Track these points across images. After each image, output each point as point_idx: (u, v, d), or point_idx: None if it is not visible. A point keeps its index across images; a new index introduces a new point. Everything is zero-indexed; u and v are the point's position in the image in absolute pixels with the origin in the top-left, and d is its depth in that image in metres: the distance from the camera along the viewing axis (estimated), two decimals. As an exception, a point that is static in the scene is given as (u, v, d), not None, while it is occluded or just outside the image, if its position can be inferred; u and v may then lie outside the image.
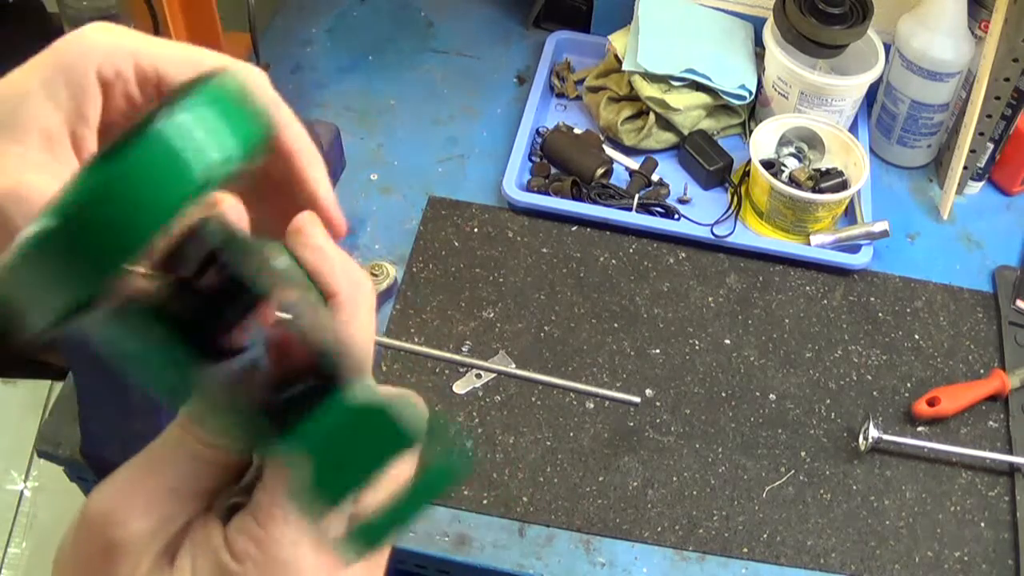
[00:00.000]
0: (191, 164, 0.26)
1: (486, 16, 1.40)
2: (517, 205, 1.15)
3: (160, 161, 0.25)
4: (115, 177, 0.25)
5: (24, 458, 1.60)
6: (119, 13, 1.17)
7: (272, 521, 0.31)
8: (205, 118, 0.26)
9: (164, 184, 0.25)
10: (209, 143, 0.26)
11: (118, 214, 0.25)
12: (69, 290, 0.26)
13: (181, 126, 0.26)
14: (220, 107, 0.27)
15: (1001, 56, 1.11)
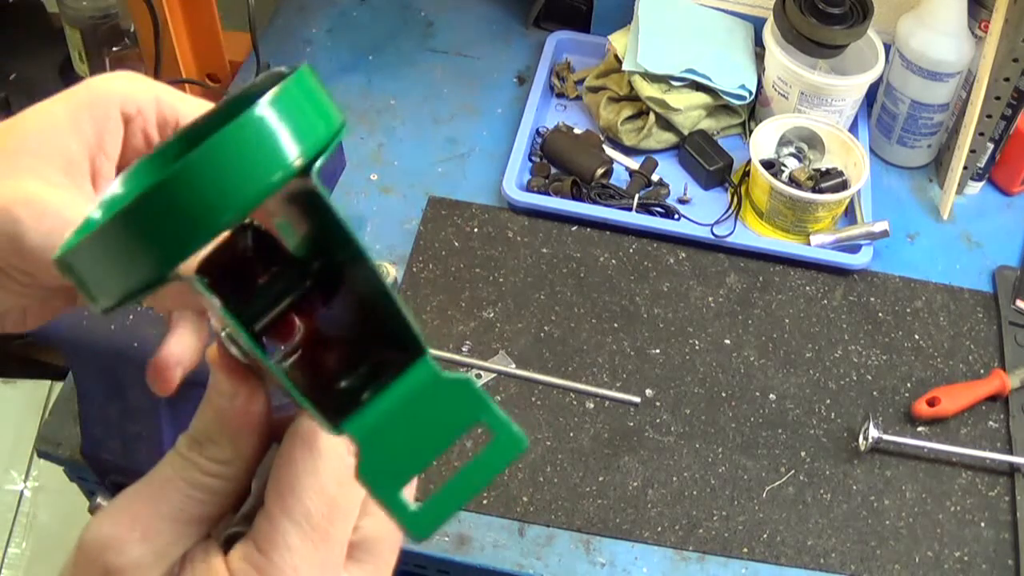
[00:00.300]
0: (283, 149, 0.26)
1: (486, 16, 1.40)
2: (517, 205, 1.15)
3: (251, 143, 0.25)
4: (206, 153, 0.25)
5: (24, 458, 1.60)
6: (119, 13, 1.17)
7: (274, 548, 0.31)
8: (297, 105, 0.27)
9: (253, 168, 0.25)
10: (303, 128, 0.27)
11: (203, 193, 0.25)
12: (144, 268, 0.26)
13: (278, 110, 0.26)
14: (308, 96, 0.27)
15: (1001, 56, 1.11)
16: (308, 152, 0.27)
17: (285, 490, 0.32)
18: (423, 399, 0.30)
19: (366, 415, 0.29)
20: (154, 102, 0.37)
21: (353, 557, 0.34)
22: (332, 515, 0.32)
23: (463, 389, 0.30)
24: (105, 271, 0.27)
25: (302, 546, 0.31)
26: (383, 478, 0.29)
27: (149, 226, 0.25)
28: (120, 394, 0.83)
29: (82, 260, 0.27)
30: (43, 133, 0.35)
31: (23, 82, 1.25)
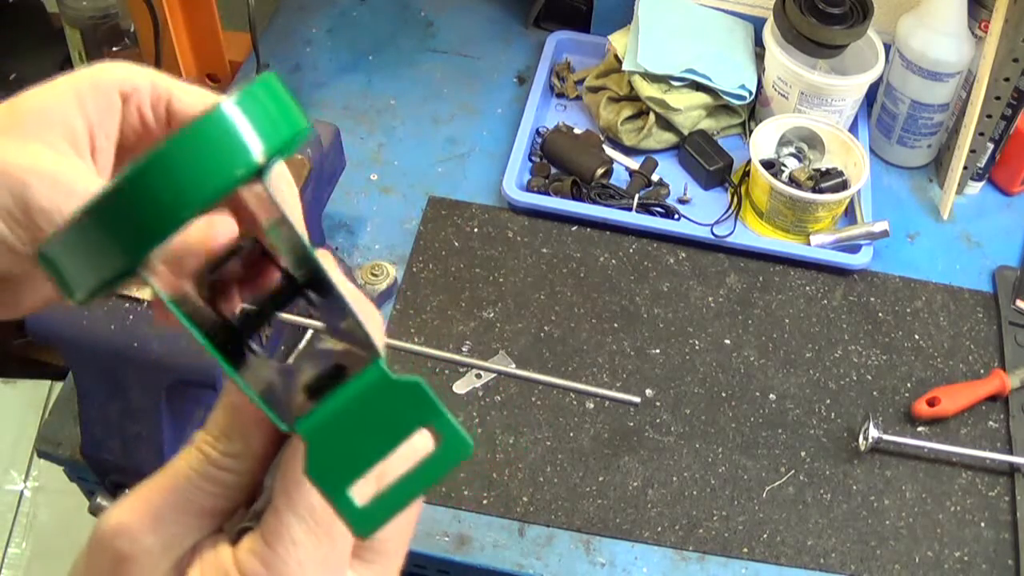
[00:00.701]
0: (246, 144, 0.27)
1: (486, 16, 1.40)
2: (517, 205, 1.15)
3: (219, 137, 0.27)
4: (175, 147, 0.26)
5: (24, 458, 1.60)
6: (119, 13, 1.17)
7: (280, 543, 0.32)
8: (260, 107, 0.28)
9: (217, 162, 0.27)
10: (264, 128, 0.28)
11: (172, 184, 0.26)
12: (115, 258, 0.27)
13: (239, 108, 0.27)
14: (272, 98, 0.28)
15: (1001, 56, 1.11)
16: (270, 150, 0.28)
17: (291, 485, 0.32)
18: (373, 400, 0.30)
19: (316, 415, 0.30)
20: (149, 84, 0.39)
21: (359, 556, 0.34)
22: None
23: (413, 391, 0.30)
24: (78, 263, 0.28)
25: (307, 540, 0.32)
26: (330, 476, 0.30)
27: (116, 219, 0.27)
28: (120, 394, 0.83)
29: (58, 252, 0.28)
30: (49, 107, 0.36)
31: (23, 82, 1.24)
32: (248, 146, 0.28)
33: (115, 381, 0.83)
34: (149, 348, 0.80)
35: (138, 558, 0.32)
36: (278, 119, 0.29)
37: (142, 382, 0.82)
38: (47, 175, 0.35)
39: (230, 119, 0.27)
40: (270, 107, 0.29)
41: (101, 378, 0.83)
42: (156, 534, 0.32)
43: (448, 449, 0.30)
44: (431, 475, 0.31)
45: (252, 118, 0.28)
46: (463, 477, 0.95)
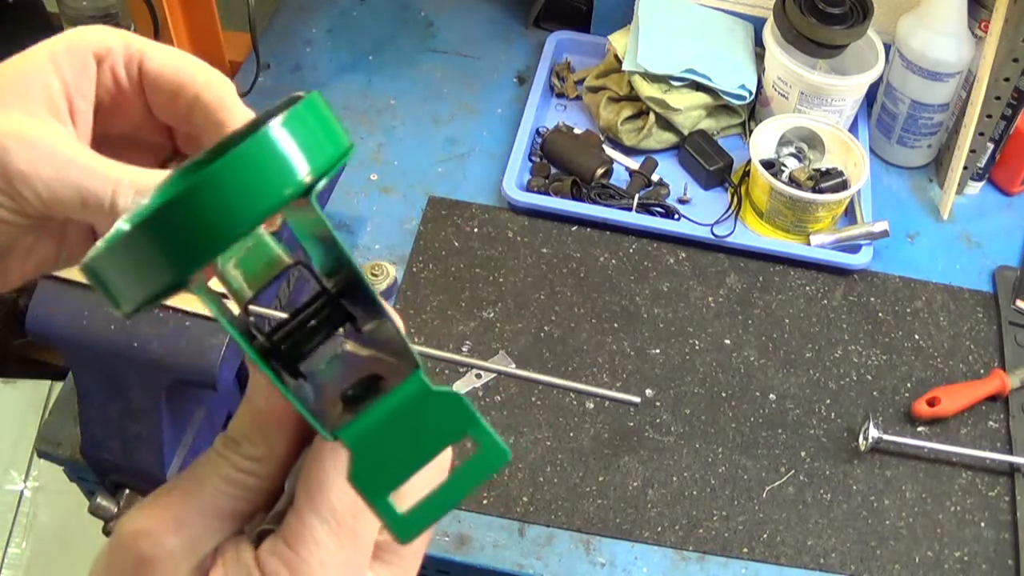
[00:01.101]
0: (294, 165, 0.28)
1: (486, 16, 1.40)
2: (517, 205, 1.15)
3: (267, 158, 0.28)
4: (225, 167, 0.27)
5: (24, 458, 1.60)
6: (119, 13, 1.17)
7: (302, 543, 0.32)
8: (307, 128, 0.29)
9: (268, 180, 0.28)
10: (310, 148, 0.29)
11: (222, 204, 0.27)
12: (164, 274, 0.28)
13: (286, 129, 0.28)
14: (317, 118, 0.29)
15: (1001, 56, 1.11)
16: (316, 170, 0.29)
17: (313, 487, 0.33)
18: (413, 410, 0.31)
19: (359, 424, 0.31)
20: (122, 45, 0.39)
21: (379, 557, 0.35)
22: (358, 512, 0.33)
23: (452, 402, 0.31)
24: (126, 277, 0.28)
25: (328, 541, 0.32)
26: (373, 483, 0.31)
27: (166, 235, 0.27)
28: (120, 394, 0.83)
29: (106, 266, 0.29)
30: (26, 74, 0.37)
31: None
32: (295, 167, 0.28)
33: (115, 381, 0.83)
34: (149, 348, 0.80)
35: (160, 560, 0.32)
36: (323, 139, 0.29)
37: (142, 382, 0.82)
38: (26, 140, 0.35)
39: (277, 141, 0.28)
40: (315, 127, 0.29)
41: (101, 378, 0.83)
42: (178, 536, 0.32)
43: (486, 457, 0.31)
44: (469, 482, 0.31)
45: (298, 139, 0.29)
46: (463, 477, 0.95)
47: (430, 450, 0.31)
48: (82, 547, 1.48)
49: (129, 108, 0.40)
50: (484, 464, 0.31)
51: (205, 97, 0.40)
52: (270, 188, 0.28)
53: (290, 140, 0.28)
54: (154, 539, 0.32)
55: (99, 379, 0.83)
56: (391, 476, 0.31)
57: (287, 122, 0.28)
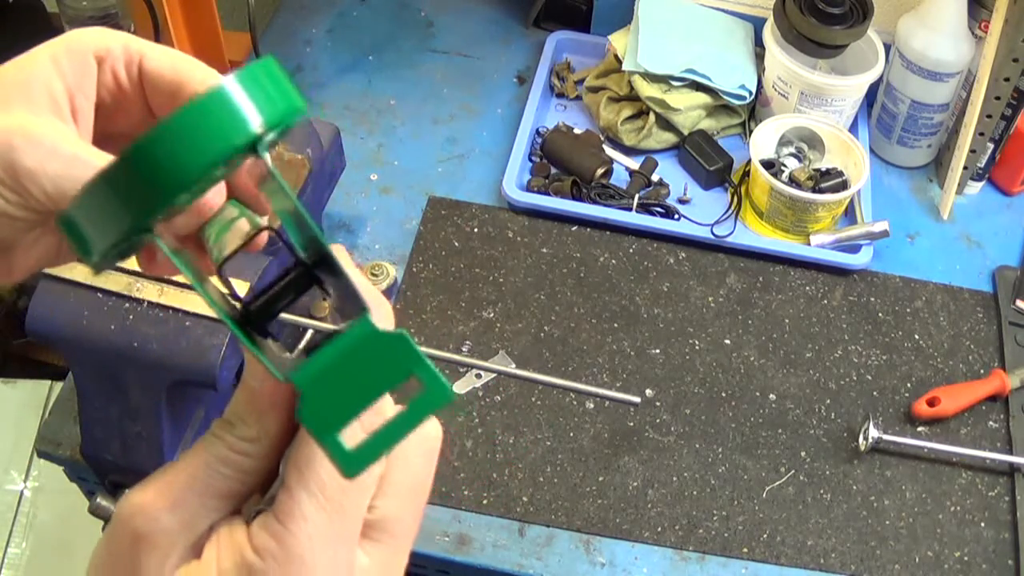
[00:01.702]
0: (245, 116, 0.30)
1: (486, 16, 1.40)
2: (517, 205, 1.15)
3: (219, 109, 0.30)
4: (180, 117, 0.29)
5: (24, 458, 1.60)
6: (119, 13, 1.17)
7: (291, 519, 0.33)
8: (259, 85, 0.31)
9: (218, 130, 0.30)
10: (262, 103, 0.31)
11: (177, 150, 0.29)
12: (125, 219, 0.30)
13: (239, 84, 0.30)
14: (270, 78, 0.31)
15: (1001, 56, 1.11)
16: (267, 122, 0.31)
17: (302, 463, 0.34)
18: (361, 352, 0.33)
19: (309, 365, 0.32)
20: (122, 46, 0.40)
21: (368, 536, 0.36)
22: (346, 488, 0.34)
23: (398, 344, 0.33)
24: (93, 224, 0.30)
25: (316, 516, 0.33)
26: (322, 421, 0.32)
27: (126, 183, 0.30)
28: (120, 394, 0.83)
29: (77, 214, 0.31)
30: (29, 75, 0.38)
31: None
32: (246, 117, 0.30)
33: (115, 381, 0.83)
34: (149, 348, 0.80)
35: (155, 536, 0.33)
36: (275, 96, 0.31)
37: (142, 382, 0.82)
38: (31, 136, 0.36)
39: (230, 93, 0.30)
40: (268, 86, 0.31)
41: (101, 378, 0.83)
42: (173, 514, 0.33)
43: (430, 396, 0.33)
44: (414, 420, 0.33)
45: (251, 93, 0.31)
46: (463, 477, 0.95)
47: (377, 389, 0.33)
48: (82, 547, 1.48)
49: (130, 107, 0.41)
50: (427, 403, 0.33)
51: None
52: (221, 136, 0.30)
53: (243, 94, 0.30)
54: (150, 516, 0.33)
55: (99, 379, 0.83)
56: (340, 414, 0.32)
57: (240, 77, 0.31)
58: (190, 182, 0.30)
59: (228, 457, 0.35)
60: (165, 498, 0.34)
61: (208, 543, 0.34)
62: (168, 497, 0.34)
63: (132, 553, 0.34)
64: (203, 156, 0.30)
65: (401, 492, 0.36)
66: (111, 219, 0.30)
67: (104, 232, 0.31)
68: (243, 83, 0.31)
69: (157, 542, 0.33)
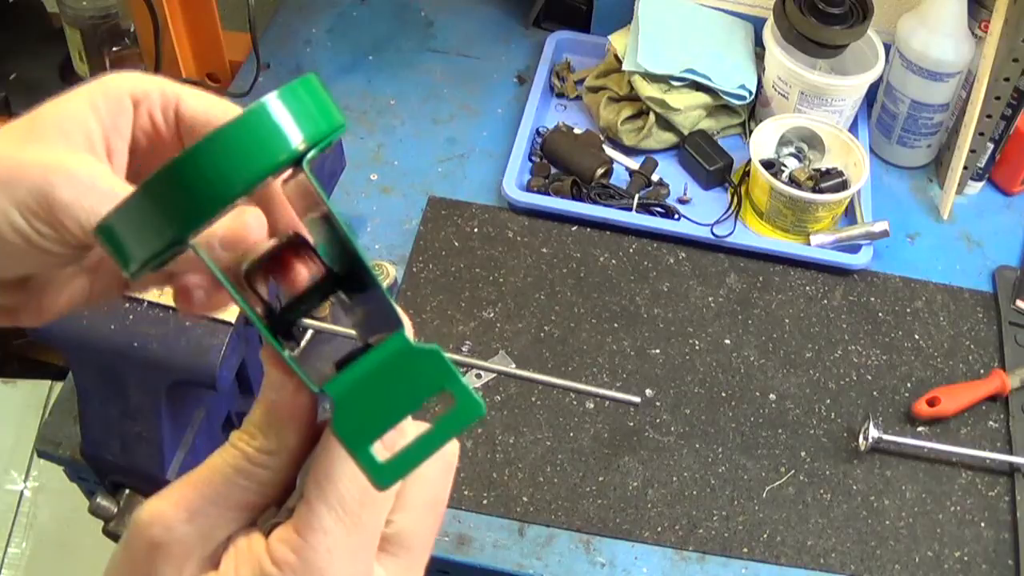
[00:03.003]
0: (286, 133, 0.31)
1: (486, 16, 1.40)
2: (517, 205, 1.15)
3: (263, 125, 0.30)
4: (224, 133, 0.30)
5: (24, 458, 1.60)
6: (119, 13, 1.17)
7: (310, 531, 0.33)
8: (300, 102, 0.32)
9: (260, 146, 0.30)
10: (303, 120, 0.31)
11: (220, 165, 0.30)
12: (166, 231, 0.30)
13: (281, 101, 0.31)
14: (311, 95, 0.32)
15: (1001, 56, 1.11)
16: (309, 138, 0.31)
17: (322, 477, 0.34)
18: (395, 366, 0.33)
19: (343, 378, 0.33)
20: (158, 90, 0.40)
21: (386, 550, 0.36)
22: (365, 502, 0.34)
23: (432, 359, 0.33)
24: (132, 236, 0.31)
25: (336, 529, 0.33)
26: (355, 433, 0.32)
27: (168, 195, 0.30)
28: (120, 394, 0.83)
29: (116, 226, 0.31)
30: (66, 115, 0.38)
31: (23, 82, 1.25)
32: (288, 135, 0.31)
33: (115, 381, 0.83)
34: (149, 348, 0.80)
35: (171, 546, 0.34)
36: (316, 113, 0.32)
37: (142, 382, 0.82)
38: (68, 171, 0.37)
39: (272, 110, 0.31)
40: (309, 103, 0.32)
41: (101, 378, 0.83)
42: (191, 524, 0.34)
43: (462, 410, 0.33)
44: (446, 434, 0.33)
45: (292, 111, 0.31)
46: (463, 477, 0.95)
47: (410, 403, 0.33)
48: (82, 547, 1.48)
49: (166, 150, 0.41)
50: (460, 417, 0.33)
51: None
52: (264, 153, 0.30)
53: (284, 111, 0.31)
54: (167, 526, 0.34)
55: (99, 379, 0.83)
56: (372, 427, 0.33)
57: (282, 95, 0.31)
58: (232, 196, 0.30)
59: (246, 469, 0.35)
60: (183, 508, 0.34)
61: (226, 554, 0.34)
62: (186, 507, 0.34)
63: (148, 562, 0.34)
64: (246, 171, 0.30)
65: (418, 507, 0.36)
66: (152, 230, 0.31)
67: (144, 243, 0.31)
68: (284, 100, 0.31)
69: (174, 551, 0.34)
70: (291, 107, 0.31)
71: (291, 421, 0.35)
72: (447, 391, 0.33)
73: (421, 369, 0.33)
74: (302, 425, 0.36)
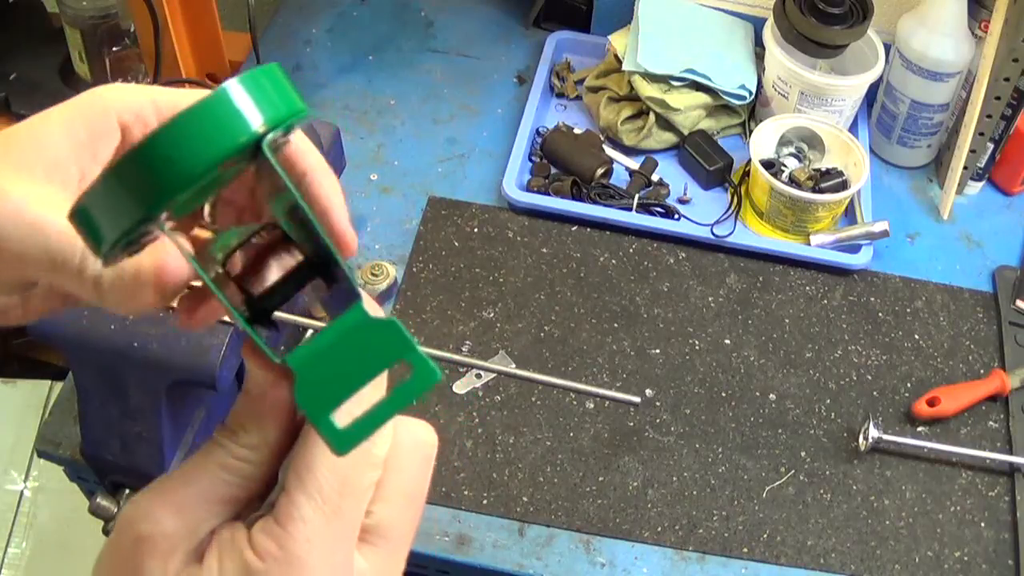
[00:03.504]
0: (245, 116, 0.32)
1: (486, 16, 1.40)
2: (517, 205, 1.15)
3: (223, 108, 0.32)
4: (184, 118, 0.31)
5: (24, 458, 1.60)
6: (119, 13, 1.17)
7: (290, 521, 0.34)
8: (261, 88, 0.33)
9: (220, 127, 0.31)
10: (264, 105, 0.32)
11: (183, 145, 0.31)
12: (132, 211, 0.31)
13: (242, 86, 0.32)
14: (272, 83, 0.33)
15: (1001, 56, 1.11)
16: (269, 122, 0.32)
17: (301, 467, 0.35)
18: (353, 337, 0.34)
19: (304, 349, 0.34)
20: (150, 102, 0.40)
21: (367, 540, 0.36)
22: (344, 492, 0.35)
23: (389, 329, 0.34)
24: (102, 217, 0.32)
25: (315, 518, 0.34)
26: (315, 402, 0.34)
27: (134, 176, 0.31)
28: (120, 394, 0.83)
29: (88, 207, 0.32)
30: (34, 135, 0.38)
31: (23, 82, 1.25)
32: (247, 117, 0.32)
33: (115, 381, 0.83)
34: (149, 348, 0.80)
35: (157, 539, 0.34)
36: (276, 98, 0.33)
37: (142, 382, 0.82)
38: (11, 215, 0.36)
39: (232, 94, 0.32)
40: (269, 88, 0.33)
41: (101, 378, 0.83)
42: (175, 518, 0.34)
43: (418, 378, 0.34)
44: (402, 400, 0.34)
45: (253, 96, 0.32)
46: (463, 477, 0.95)
47: (368, 372, 0.34)
48: (82, 547, 1.48)
49: None
50: (416, 385, 0.34)
51: None
52: (225, 134, 0.31)
53: (245, 95, 0.32)
54: (152, 520, 0.34)
55: (99, 379, 0.83)
56: (332, 396, 0.34)
57: (243, 80, 0.32)
58: (194, 175, 0.31)
59: (229, 463, 0.36)
60: (168, 502, 0.35)
61: (210, 547, 0.35)
62: (171, 501, 0.35)
63: (135, 556, 0.34)
64: (206, 151, 0.31)
65: (397, 498, 0.37)
66: (120, 210, 0.32)
67: (112, 223, 0.32)
68: (245, 85, 0.32)
69: (159, 545, 0.34)
70: (252, 92, 0.32)
71: (271, 415, 0.36)
72: (405, 361, 0.34)
73: (378, 340, 0.34)
74: (282, 419, 0.36)
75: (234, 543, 0.34)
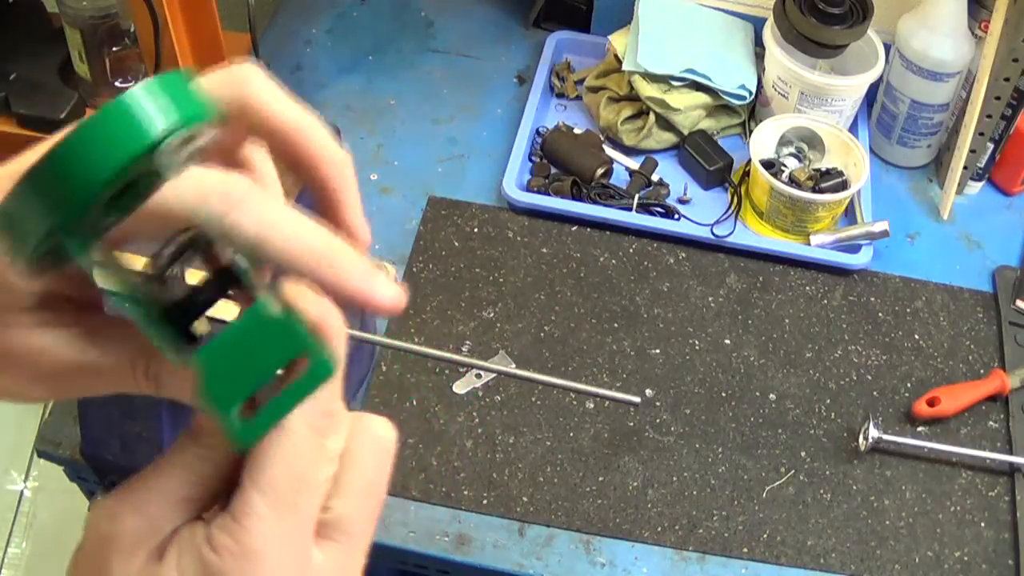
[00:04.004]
0: (142, 124, 0.33)
1: (486, 16, 1.40)
2: (517, 205, 1.15)
3: (117, 119, 0.32)
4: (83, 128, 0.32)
5: (24, 458, 1.60)
6: (119, 13, 1.17)
7: (245, 516, 0.34)
8: (159, 96, 0.33)
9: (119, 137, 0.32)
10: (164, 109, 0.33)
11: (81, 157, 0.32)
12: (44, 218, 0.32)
13: (137, 97, 0.33)
14: (175, 88, 0.34)
15: (1001, 56, 1.11)
16: (169, 129, 0.33)
17: (255, 465, 0.35)
18: (254, 333, 0.35)
19: (207, 347, 0.35)
20: None
21: (325, 535, 0.37)
22: (298, 487, 0.35)
23: (288, 326, 0.35)
24: (18, 227, 0.33)
25: (269, 514, 0.34)
26: (219, 397, 0.35)
27: (42, 186, 0.32)
28: (120, 394, 0.83)
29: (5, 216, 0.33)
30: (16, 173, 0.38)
31: (23, 82, 1.25)
32: (143, 125, 0.33)
33: (115, 381, 0.82)
34: (149, 348, 0.80)
35: (119, 539, 0.35)
36: (177, 103, 0.34)
37: (142, 382, 0.82)
38: None
39: (128, 104, 0.33)
40: (171, 94, 0.34)
41: (101, 378, 0.83)
42: (137, 517, 0.35)
43: (315, 372, 0.35)
44: (300, 393, 0.35)
45: (152, 100, 0.33)
46: (463, 477, 0.95)
47: (270, 367, 0.35)
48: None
49: None
50: (313, 378, 0.35)
51: None
52: (125, 141, 0.32)
53: (144, 101, 0.33)
54: (115, 519, 0.35)
55: (99, 379, 0.83)
56: (236, 391, 0.35)
57: (143, 86, 0.33)
58: (98, 183, 0.32)
59: (191, 464, 0.36)
60: (130, 502, 0.36)
61: (170, 544, 0.35)
62: (133, 501, 0.36)
63: (100, 554, 0.35)
64: (105, 162, 0.32)
65: (355, 492, 0.37)
66: (30, 222, 0.32)
67: (25, 235, 0.33)
68: (145, 90, 0.33)
69: (122, 544, 0.35)
70: (150, 97, 0.33)
71: None
72: (304, 355, 0.35)
73: (277, 335, 0.35)
74: None
75: (193, 540, 0.35)
